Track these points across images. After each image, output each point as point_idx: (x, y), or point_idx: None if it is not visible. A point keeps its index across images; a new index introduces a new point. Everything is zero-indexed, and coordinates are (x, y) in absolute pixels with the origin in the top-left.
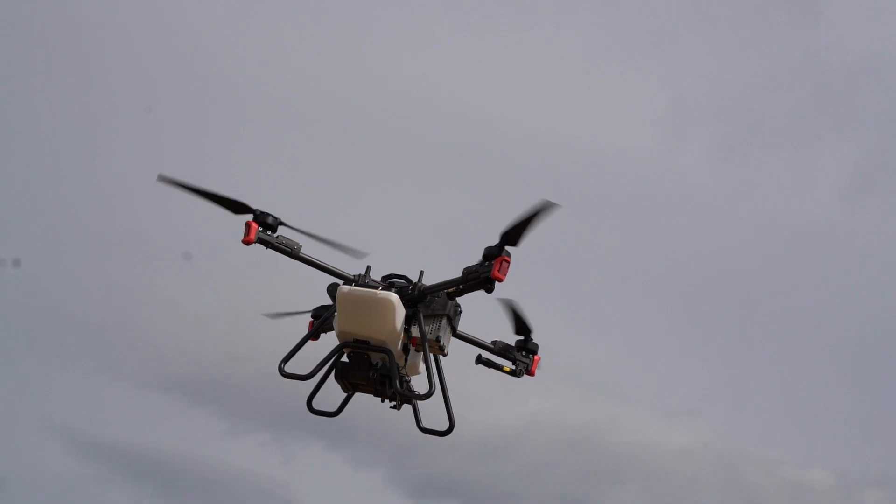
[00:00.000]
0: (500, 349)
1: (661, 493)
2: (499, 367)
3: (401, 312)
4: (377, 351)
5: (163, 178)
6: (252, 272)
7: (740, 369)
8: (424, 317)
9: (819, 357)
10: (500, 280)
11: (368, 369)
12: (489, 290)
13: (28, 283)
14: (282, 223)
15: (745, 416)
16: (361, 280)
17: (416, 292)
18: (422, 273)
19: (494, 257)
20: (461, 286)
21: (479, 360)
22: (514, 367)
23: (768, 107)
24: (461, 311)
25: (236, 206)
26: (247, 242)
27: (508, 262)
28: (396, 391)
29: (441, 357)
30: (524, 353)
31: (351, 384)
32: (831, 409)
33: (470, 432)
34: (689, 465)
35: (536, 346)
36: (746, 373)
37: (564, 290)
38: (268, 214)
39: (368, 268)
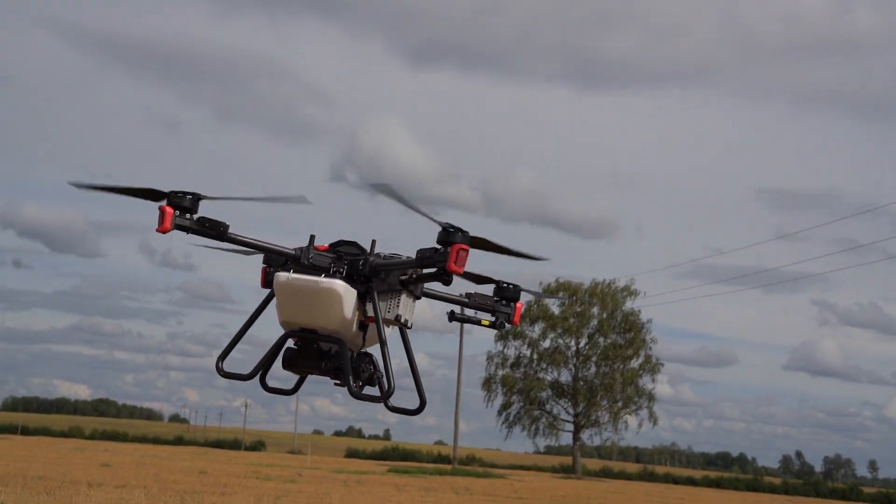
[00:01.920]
0: (477, 302)
1: (659, 37)
2: (476, 322)
3: (350, 299)
4: (327, 340)
5: (73, 184)
6: None
7: None
8: (380, 293)
9: None
10: (458, 273)
11: (319, 358)
12: (446, 282)
13: None
14: (202, 197)
15: None
16: (304, 255)
17: (367, 268)
18: (374, 243)
19: (450, 244)
20: (414, 274)
21: (453, 317)
22: (493, 320)
23: None
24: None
25: (148, 194)
26: (163, 231)
27: (467, 252)
28: (351, 393)
29: (407, 329)
30: (504, 302)
31: (302, 371)
32: None
33: None
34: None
35: (517, 292)
36: None
37: None
38: (184, 195)
39: (312, 237)
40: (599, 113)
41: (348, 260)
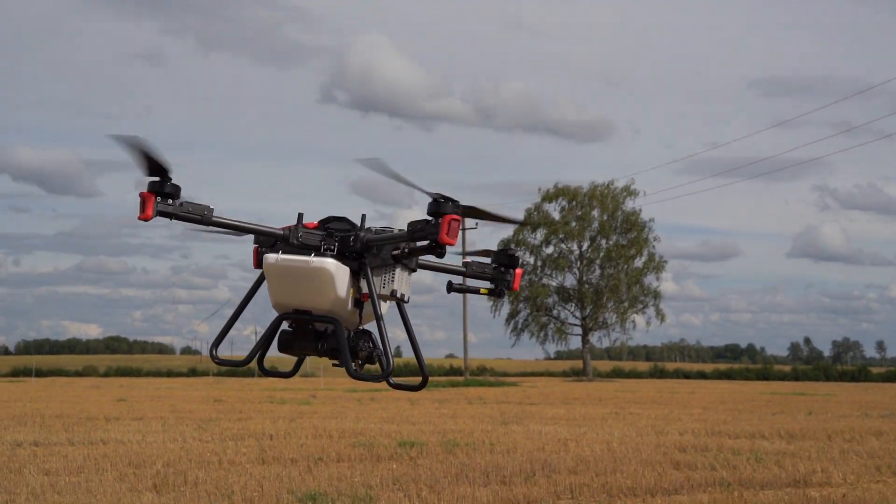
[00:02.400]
0: (475, 271)
1: None
2: (475, 291)
3: (342, 277)
4: (322, 321)
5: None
6: None
7: None
8: (374, 268)
9: None
10: (451, 244)
11: (316, 339)
12: (440, 255)
13: None
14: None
15: None
16: (293, 234)
17: (358, 244)
18: (364, 217)
19: (441, 215)
20: (406, 248)
21: (451, 288)
22: (492, 288)
23: None
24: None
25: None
26: (144, 219)
27: (458, 222)
28: (350, 374)
29: (405, 304)
30: (502, 269)
31: (299, 353)
32: None
33: None
34: None
35: (516, 258)
36: None
37: None
38: (163, 180)
39: (300, 215)
40: (587, 14)
41: (339, 236)
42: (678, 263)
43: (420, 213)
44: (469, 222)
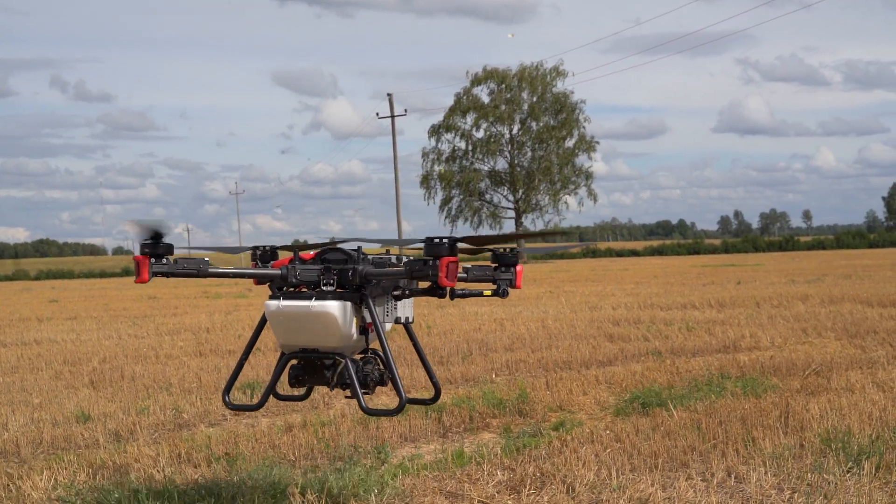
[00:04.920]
0: (476, 275)
1: None
2: (479, 294)
3: (345, 315)
4: (329, 356)
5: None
6: None
7: None
8: (375, 298)
9: None
10: (452, 286)
11: (325, 373)
12: (441, 296)
13: None
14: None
15: None
16: (291, 272)
17: (357, 278)
18: (360, 249)
19: (439, 257)
20: (407, 290)
21: (454, 294)
22: (495, 289)
23: None
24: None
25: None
26: (142, 282)
27: (456, 263)
28: (363, 409)
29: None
30: (503, 268)
31: (310, 384)
32: None
33: None
34: None
35: (515, 256)
36: None
37: None
38: (157, 241)
39: (296, 251)
40: None
41: (337, 269)
42: (607, 143)
43: (346, 103)
44: (398, 109)
